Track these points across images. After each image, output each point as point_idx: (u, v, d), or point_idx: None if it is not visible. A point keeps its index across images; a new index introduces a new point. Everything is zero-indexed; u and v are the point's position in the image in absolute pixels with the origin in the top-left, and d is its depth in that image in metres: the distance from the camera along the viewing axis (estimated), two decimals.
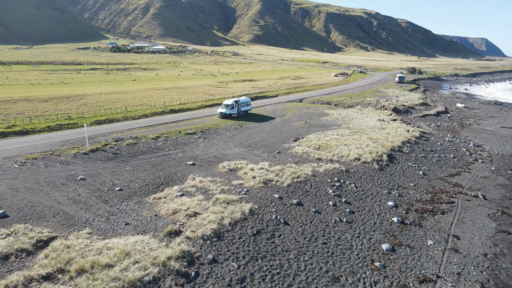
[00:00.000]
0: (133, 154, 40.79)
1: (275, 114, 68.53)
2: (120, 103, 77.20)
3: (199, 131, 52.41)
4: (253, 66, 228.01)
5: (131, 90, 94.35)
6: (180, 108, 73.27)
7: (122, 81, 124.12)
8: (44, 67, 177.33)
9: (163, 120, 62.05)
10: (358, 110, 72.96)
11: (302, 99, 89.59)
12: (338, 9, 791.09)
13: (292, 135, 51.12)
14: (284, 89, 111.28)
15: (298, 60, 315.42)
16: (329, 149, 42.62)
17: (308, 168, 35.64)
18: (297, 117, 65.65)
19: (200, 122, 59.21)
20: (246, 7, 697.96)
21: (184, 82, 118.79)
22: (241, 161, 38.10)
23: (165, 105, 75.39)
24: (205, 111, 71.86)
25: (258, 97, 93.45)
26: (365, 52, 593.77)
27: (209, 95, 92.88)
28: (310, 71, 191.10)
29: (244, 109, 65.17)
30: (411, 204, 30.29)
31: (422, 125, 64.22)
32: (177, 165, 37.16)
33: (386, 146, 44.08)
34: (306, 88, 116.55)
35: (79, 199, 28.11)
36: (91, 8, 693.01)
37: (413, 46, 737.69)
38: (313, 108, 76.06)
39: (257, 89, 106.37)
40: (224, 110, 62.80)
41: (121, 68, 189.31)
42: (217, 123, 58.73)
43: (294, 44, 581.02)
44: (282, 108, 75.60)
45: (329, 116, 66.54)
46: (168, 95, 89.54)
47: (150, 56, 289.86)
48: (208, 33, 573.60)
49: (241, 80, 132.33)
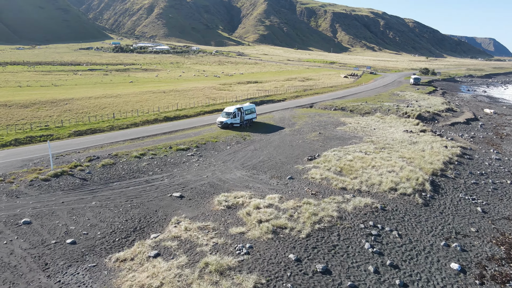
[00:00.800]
0: (107, 180, 32.25)
1: (283, 122, 59.71)
2: (109, 109, 68.84)
3: (194, 146, 43.72)
4: (259, 66, 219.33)
5: (125, 93, 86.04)
6: (175, 115, 64.67)
7: (118, 83, 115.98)
8: (41, 68, 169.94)
9: (154, 130, 53.49)
10: (378, 118, 63.85)
11: (312, 104, 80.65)
12: (345, 8, 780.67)
13: (306, 152, 42.31)
14: (292, 92, 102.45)
15: (304, 61, 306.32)
16: (354, 173, 33.78)
17: (331, 205, 26.83)
18: (309, 126, 56.77)
19: (197, 134, 50.52)
20: (251, 7, 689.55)
21: (184, 84, 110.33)
22: (243, 191, 29.44)
23: (159, 112, 66.87)
24: (204, 119, 63.22)
25: (264, 102, 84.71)
26: (372, 52, 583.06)
27: (210, 99, 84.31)
28: (318, 72, 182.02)
29: (248, 118, 56.34)
30: (483, 266, 21.36)
31: (456, 136, 55.06)
32: (160, 197, 28.56)
33: (425, 169, 35.14)
34: (315, 91, 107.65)
35: (9, 261, 19.54)
36: (96, 8, 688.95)
37: (420, 46, 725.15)
38: (326, 115, 67.10)
39: (263, 92, 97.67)
40: (224, 119, 53.98)
41: (121, 68, 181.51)
42: (216, 134, 50.02)
43: (300, 44, 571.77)
44: (291, 115, 66.74)
45: (346, 125, 57.57)
46: (164, 100, 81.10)
47: (153, 57, 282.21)
48: (213, 33, 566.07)
49: (245, 81, 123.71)
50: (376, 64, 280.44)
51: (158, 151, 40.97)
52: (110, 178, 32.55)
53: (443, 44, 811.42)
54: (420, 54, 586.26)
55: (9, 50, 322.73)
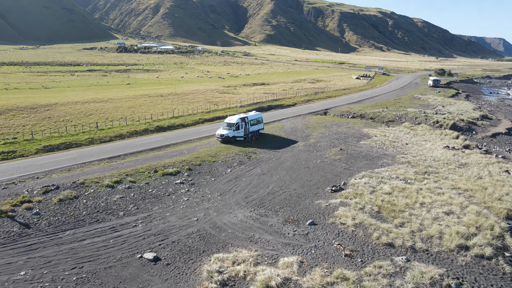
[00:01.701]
0: (59, 226, 23.36)
1: (296, 134, 50.50)
2: (95, 116, 60.18)
3: (185, 168, 34.70)
4: (265, 67, 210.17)
5: (118, 97, 77.41)
6: (170, 125, 55.76)
7: (114, 85, 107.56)
8: (37, 69, 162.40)
9: (141, 144, 44.61)
10: (407, 128, 54.31)
11: (327, 110, 71.33)
12: (352, 8, 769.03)
13: (327, 177, 33.14)
14: (303, 96, 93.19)
15: (312, 61, 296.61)
16: (398, 215, 24.54)
17: (379, 281, 17.62)
18: (327, 140, 47.54)
19: (191, 150, 41.45)
20: (258, 7, 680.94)
21: (185, 87, 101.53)
22: (245, 250, 20.39)
23: (152, 120, 58.02)
24: (202, 129, 54.29)
25: (272, 107, 75.57)
26: (380, 52, 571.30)
27: (211, 104, 75.37)
28: (328, 73, 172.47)
29: (253, 129, 47.16)
30: None
31: (506, 153, 45.45)
32: (124, 261, 19.58)
33: (495, 210, 25.76)
34: (327, 94, 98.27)
35: None
36: (102, 8, 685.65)
37: (429, 46, 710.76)
38: (345, 125, 57.72)
39: (270, 96, 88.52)
40: (225, 131, 44.68)
41: (121, 69, 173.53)
42: (215, 151, 40.92)
43: (307, 44, 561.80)
44: (305, 124, 57.49)
45: (371, 138, 48.19)
46: (161, 105, 72.33)
47: (156, 57, 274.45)
48: (219, 33, 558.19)
49: (251, 83, 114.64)
50: (386, 65, 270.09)
51: (138, 176, 32.00)
52: (63, 223, 23.64)
53: (453, 44, 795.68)
54: (430, 54, 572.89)
55: (11, 50, 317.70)
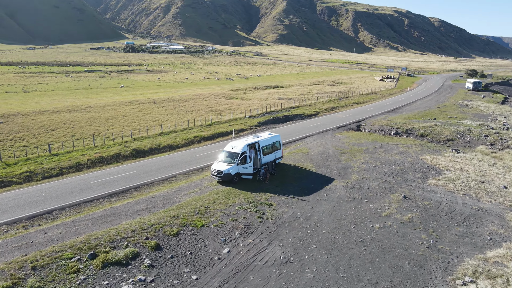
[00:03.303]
0: None
1: (328, 165, 35.21)
2: (59, 132, 45.97)
3: (149, 246, 19.72)
4: (279, 67, 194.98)
5: (100, 104, 63.27)
6: (153, 146, 41.08)
7: (106, 88, 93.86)
8: (32, 69, 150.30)
9: (97, 185, 29.97)
10: (488, 156, 38.30)
11: (360, 123, 55.93)
12: (367, 7, 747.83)
13: (406, 275, 18.08)
14: (325, 102, 77.85)
15: (327, 61, 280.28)
16: None
17: None
18: (376, 175, 32.24)
19: (169, 200, 26.48)
20: (270, 6, 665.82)
21: (186, 91, 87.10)
22: None
23: (131, 139, 43.45)
24: (196, 153, 39.54)
25: (290, 117, 60.47)
26: (396, 52, 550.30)
27: (214, 113, 60.67)
28: (348, 74, 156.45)
29: (268, 160, 31.91)
30: None
31: None
32: None
33: None
34: (353, 100, 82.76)
35: None
36: (113, 8, 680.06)
37: (447, 46, 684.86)
38: (393, 148, 42.07)
39: (287, 102, 73.41)
40: (225, 166, 29.15)
41: (123, 70, 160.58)
42: (207, 201, 25.85)
43: (320, 44, 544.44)
44: (337, 146, 42.24)
45: (442, 175, 32.54)
46: (150, 115, 57.93)
47: (164, 56, 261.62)
48: (230, 33, 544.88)
49: (263, 86, 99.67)
50: (406, 65, 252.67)
51: (55, 272, 17.29)
52: None
53: (471, 44, 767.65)
54: (447, 55, 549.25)
55: (18, 50, 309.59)
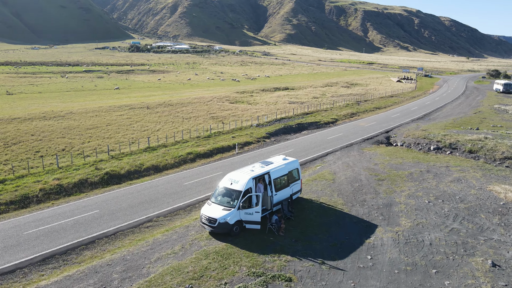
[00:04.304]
0: None
1: (364, 200, 26.24)
2: (22, 146, 37.76)
3: None
4: (287, 67, 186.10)
5: (83, 110, 55.07)
6: (132, 169, 32.54)
7: (100, 90, 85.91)
8: (29, 69, 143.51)
9: (33, 238, 21.60)
10: None
11: (388, 134, 46.98)
12: (376, 7, 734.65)
13: None
14: (342, 107, 68.89)
15: (338, 61, 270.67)
16: None
17: None
18: (435, 220, 23.28)
19: (130, 274, 17.88)
20: (278, 6, 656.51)
21: (186, 93, 78.73)
22: None
23: (108, 157, 35.06)
24: (186, 178, 30.91)
25: (304, 126, 51.65)
26: (406, 52, 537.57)
27: (216, 120, 52.18)
28: (362, 75, 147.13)
29: (282, 197, 22.56)
30: None
31: None
32: None
33: None
34: (374, 104, 73.74)
35: None
36: (121, 8, 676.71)
37: (458, 46, 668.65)
38: (446, 175, 32.44)
39: (299, 106, 64.62)
40: (220, 212, 19.61)
41: (124, 70, 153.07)
42: (189, 277, 16.48)
43: (329, 44, 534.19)
44: (369, 168, 33.28)
45: None
46: (140, 122, 49.61)
47: (169, 56, 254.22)
48: (237, 33, 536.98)
49: (272, 88, 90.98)
50: (419, 65, 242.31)
51: None
52: None
53: (483, 44, 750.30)
54: (459, 54, 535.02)
55: (22, 50, 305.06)
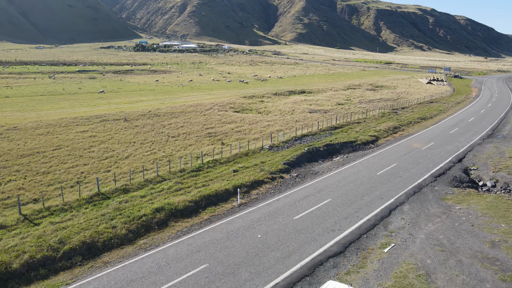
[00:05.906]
0: None
1: None
2: None
3: None
4: (300, 67, 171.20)
5: (36, 123, 41.17)
6: (39, 256, 18.22)
7: (81, 94, 72.34)
8: (16, 69, 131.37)
9: None
10: None
11: (463, 163, 32.26)
12: (389, 5, 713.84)
13: None
14: (378, 117, 53.92)
15: (353, 61, 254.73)
16: None
17: None
18: None
19: None
20: (289, 4, 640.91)
21: (182, 98, 64.46)
22: None
23: (15, 219, 21.03)
24: None
25: (335, 148, 36.88)
26: (421, 51, 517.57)
27: (213, 138, 37.88)
28: (385, 76, 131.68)
29: None
30: None
31: None
32: None
33: None
34: (416, 113, 58.53)
35: None
36: (130, 7, 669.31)
37: (474, 45, 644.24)
38: None
39: (322, 116, 49.87)
40: None
41: (121, 70, 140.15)
42: None
43: (341, 43, 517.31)
44: (483, 254, 18.62)
45: None
46: (105, 144, 35.50)
47: (175, 56, 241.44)
48: (247, 32, 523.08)
49: (286, 91, 76.14)
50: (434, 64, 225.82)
51: None
52: None
53: (499, 43, 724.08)
54: (475, 54, 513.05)
55: (25, 49, 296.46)
